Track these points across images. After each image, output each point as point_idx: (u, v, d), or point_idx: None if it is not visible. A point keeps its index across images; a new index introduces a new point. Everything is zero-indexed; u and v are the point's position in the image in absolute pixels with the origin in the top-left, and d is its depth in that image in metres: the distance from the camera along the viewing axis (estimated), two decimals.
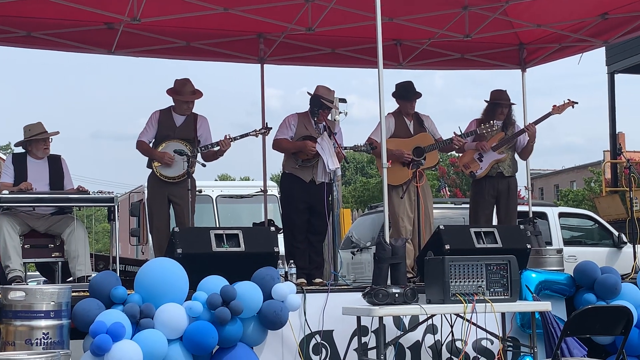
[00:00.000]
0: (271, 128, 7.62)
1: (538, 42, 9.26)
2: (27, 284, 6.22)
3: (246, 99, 73.56)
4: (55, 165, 7.09)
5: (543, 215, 11.33)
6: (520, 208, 8.55)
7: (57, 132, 7.13)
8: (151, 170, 7.43)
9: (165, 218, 7.38)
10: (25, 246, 6.70)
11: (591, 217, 12.60)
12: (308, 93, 7.44)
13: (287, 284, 5.79)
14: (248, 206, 13.28)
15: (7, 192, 6.57)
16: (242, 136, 7.45)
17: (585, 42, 8.94)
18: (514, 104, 8.08)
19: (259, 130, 7.54)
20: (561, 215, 12.00)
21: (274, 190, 12.33)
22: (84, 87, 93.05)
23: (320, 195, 7.14)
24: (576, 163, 46.26)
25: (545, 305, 5.93)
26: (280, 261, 6.39)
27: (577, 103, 7.95)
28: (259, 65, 9.10)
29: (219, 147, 7.33)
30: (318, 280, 7.03)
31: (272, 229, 6.54)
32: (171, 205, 7.40)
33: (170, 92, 7.54)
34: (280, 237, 6.97)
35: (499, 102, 7.97)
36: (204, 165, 7.30)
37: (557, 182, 46.78)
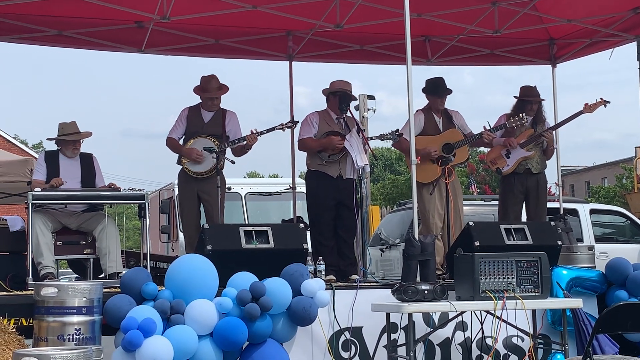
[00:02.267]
0: (298, 122, 7.60)
1: (568, 37, 9.16)
2: (59, 281, 6.26)
3: (275, 96, 73.79)
4: (87, 163, 7.14)
5: (574, 212, 11.23)
6: (550, 205, 8.47)
7: (90, 134, 7.17)
8: (181, 166, 7.47)
9: (195, 214, 7.39)
10: (58, 243, 6.76)
11: (623, 214, 12.46)
12: (326, 90, 7.40)
13: (316, 280, 5.80)
14: (277, 203, 13.28)
15: (39, 189, 6.63)
16: (268, 130, 7.43)
17: (617, 37, 8.84)
18: (543, 99, 8.00)
19: (286, 124, 7.52)
20: (592, 211, 11.88)
21: (302, 187, 12.28)
22: (115, 86, 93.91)
23: (349, 191, 7.12)
24: (608, 159, 45.76)
25: (576, 302, 5.91)
26: (309, 258, 6.38)
27: (609, 102, 7.84)
28: (288, 62, 9.11)
29: (246, 142, 7.33)
30: (354, 276, 6.99)
31: (301, 225, 6.54)
32: (201, 202, 7.43)
33: (196, 89, 7.57)
34: (308, 234, 6.98)
35: (528, 99, 7.91)
36: (233, 162, 7.31)
37: (588, 179, 46.30)
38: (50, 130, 7.17)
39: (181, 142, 7.53)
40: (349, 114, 7.39)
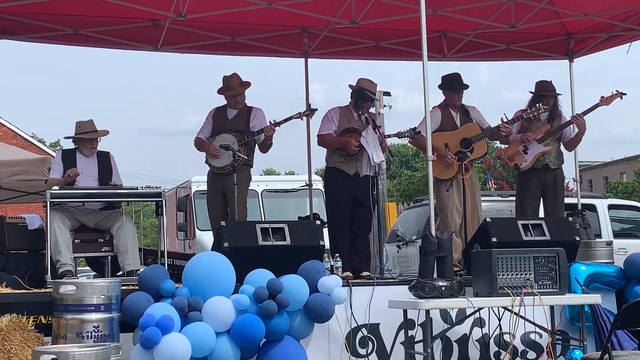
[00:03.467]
0: (316, 109, 7.62)
1: (585, 32, 9.12)
2: (77, 278, 6.29)
3: (290, 93, 73.79)
4: (104, 161, 7.17)
5: (592, 208, 11.16)
6: (568, 200, 8.41)
7: (107, 132, 7.20)
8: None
9: (219, 210, 7.44)
10: (76, 241, 6.78)
11: None
12: (350, 86, 7.43)
13: (333, 277, 5.80)
14: (293, 200, 13.31)
15: (57, 187, 6.66)
16: (285, 120, 7.47)
17: (634, 31, 8.77)
18: (559, 94, 7.96)
19: (304, 112, 7.53)
20: (610, 207, 11.81)
21: (318, 184, 12.32)
22: (131, 84, 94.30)
23: (365, 188, 7.11)
24: (626, 154, 45.39)
25: (595, 298, 5.86)
26: (325, 254, 6.38)
27: (625, 94, 7.79)
28: (303, 59, 9.11)
29: (264, 134, 7.36)
30: (365, 273, 7.02)
31: (318, 222, 6.54)
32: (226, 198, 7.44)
33: (220, 90, 7.65)
34: (326, 231, 6.98)
35: (544, 93, 7.86)
36: (247, 158, 7.33)
37: (607, 174, 46.00)
38: (68, 129, 7.24)
39: (211, 141, 7.55)
40: (371, 111, 7.37)
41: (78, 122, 7.13)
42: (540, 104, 7.61)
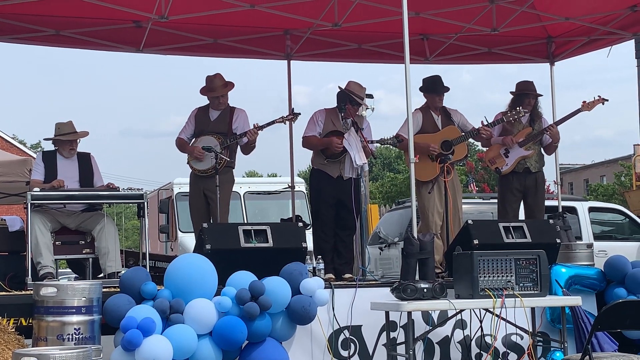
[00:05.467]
0: (299, 114, 7.59)
1: (566, 35, 9.15)
2: (58, 280, 6.28)
3: (273, 95, 73.71)
4: (85, 162, 7.14)
5: (573, 210, 11.23)
6: (549, 203, 8.43)
7: (86, 133, 7.17)
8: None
9: (201, 212, 7.41)
10: (57, 243, 6.75)
11: (621, 212, 12.46)
12: (339, 87, 7.41)
13: (315, 279, 5.79)
14: (276, 202, 13.29)
15: (38, 189, 6.62)
16: (269, 124, 7.45)
17: (615, 34, 8.83)
18: (540, 95, 7.98)
19: (287, 116, 7.51)
20: (591, 209, 11.88)
21: (301, 186, 12.31)
22: (113, 85, 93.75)
23: (348, 191, 7.11)
24: (606, 157, 45.75)
25: (575, 300, 5.89)
26: (308, 256, 6.38)
27: (607, 100, 7.81)
28: (286, 61, 9.09)
29: (247, 138, 7.35)
30: (347, 275, 7.03)
31: (300, 224, 6.53)
32: (208, 201, 7.42)
33: (202, 90, 7.61)
34: (309, 233, 6.98)
35: (525, 92, 7.88)
36: (229, 160, 7.31)
37: (587, 177, 46.29)
38: (49, 130, 7.19)
39: (192, 143, 7.55)
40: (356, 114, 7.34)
41: (57, 124, 7.09)
42: (521, 108, 7.64)
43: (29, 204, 6.43)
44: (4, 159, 10.18)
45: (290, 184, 9.35)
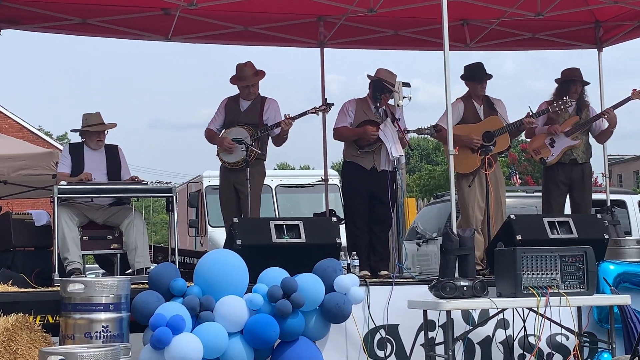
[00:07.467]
0: (332, 104, 7.47)
1: (615, 20, 8.88)
2: (85, 276, 6.23)
3: (306, 84, 73.69)
4: (113, 155, 7.07)
5: (622, 204, 10.99)
6: (597, 196, 8.32)
7: (114, 125, 7.11)
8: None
9: (231, 206, 7.31)
10: (84, 238, 6.69)
11: None
12: (368, 76, 7.30)
13: (349, 276, 5.76)
14: (308, 196, 13.25)
15: (65, 183, 6.56)
16: (301, 114, 7.35)
17: None
18: (588, 82, 7.78)
19: (319, 107, 7.41)
20: None
21: (335, 179, 12.22)
22: (141, 76, 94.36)
23: (383, 183, 7.01)
24: None
25: (624, 299, 5.79)
26: (342, 253, 6.34)
27: None
28: (319, 49, 8.98)
29: (280, 128, 7.23)
30: (383, 272, 6.92)
31: (334, 219, 6.46)
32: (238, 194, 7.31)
33: (232, 79, 7.50)
34: (343, 228, 6.92)
35: (572, 79, 7.67)
36: (260, 152, 7.21)
37: (637, 168, 45.60)
38: (76, 122, 7.16)
39: (221, 134, 7.46)
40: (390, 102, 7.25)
41: (85, 115, 7.03)
42: (567, 97, 7.43)
43: (56, 198, 6.37)
44: (30, 151, 10.21)
45: (323, 177, 9.26)
